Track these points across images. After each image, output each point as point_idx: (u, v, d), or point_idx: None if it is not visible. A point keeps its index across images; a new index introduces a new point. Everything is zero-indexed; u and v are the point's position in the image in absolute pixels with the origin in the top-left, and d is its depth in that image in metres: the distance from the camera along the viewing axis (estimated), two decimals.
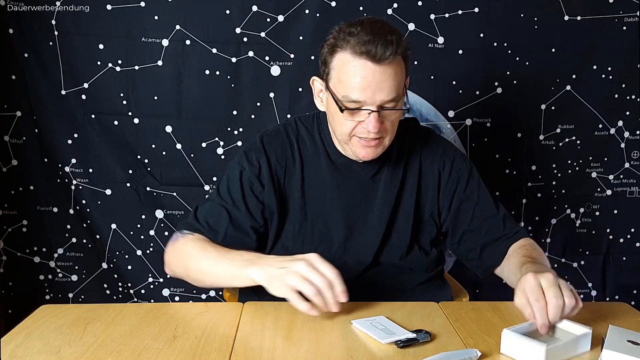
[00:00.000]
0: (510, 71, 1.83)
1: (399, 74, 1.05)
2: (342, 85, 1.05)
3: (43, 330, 0.93)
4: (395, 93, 1.04)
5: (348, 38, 1.03)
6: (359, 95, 1.03)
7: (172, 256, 1.14)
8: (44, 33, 1.72)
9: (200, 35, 1.74)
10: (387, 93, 1.04)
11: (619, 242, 1.98)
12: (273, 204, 1.16)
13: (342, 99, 1.05)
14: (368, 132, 1.06)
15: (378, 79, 1.02)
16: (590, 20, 1.80)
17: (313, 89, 1.16)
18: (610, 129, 1.89)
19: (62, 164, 1.82)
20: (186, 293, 1.91)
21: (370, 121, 1.05)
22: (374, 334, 0.91)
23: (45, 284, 1.92)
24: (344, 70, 1.04)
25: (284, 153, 1.18)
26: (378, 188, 1.19)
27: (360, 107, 1.05)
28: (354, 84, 1.03)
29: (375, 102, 1.04)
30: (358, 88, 1.03)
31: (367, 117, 1.05)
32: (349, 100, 1.05)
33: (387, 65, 1.03)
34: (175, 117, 1.79)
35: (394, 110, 1.07)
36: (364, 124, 1.06)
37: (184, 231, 1.13)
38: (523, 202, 1.92)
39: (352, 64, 1.03)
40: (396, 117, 1.10)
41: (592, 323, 0.97)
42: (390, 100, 1.05)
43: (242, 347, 0.88)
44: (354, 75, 1.03)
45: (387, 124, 1.08)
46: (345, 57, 1.04)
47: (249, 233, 1.15)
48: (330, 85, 1.08)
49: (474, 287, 1.95)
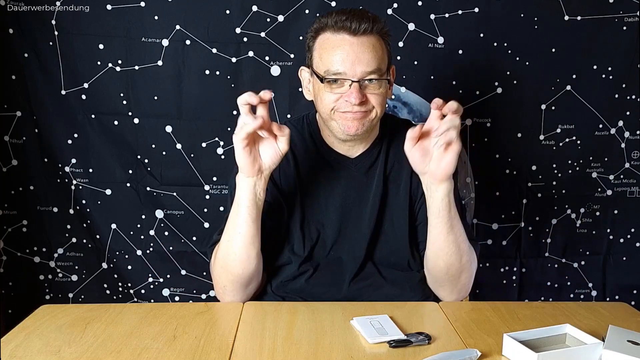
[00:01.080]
0: (510, 71, 1.82)
1: (378, 49, 1.09)
2: (323, 61, 1.10)
3: (43, 330, 0.93)
4: (375, 65, 1.08)
5: (327, 20, 1.10)
6: (339, 67, 1.07)
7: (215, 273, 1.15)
8: (44, 33, 1.72)
9: (200, 35, 1.74)
10: (366, 64, 1.07)
11: (619, 242, 1.98)
12: (276, 202, 1.17)
13: (324, 74, 1.09)
14: (352, 106, 1.08)
15: (356, 50, 1.07)
16: (590, 20, 1.80)
17: (302, 79, 1.19)
18: (611, 129, 1.89)
19: (62, 164, 1.82)
20: (186, 293, 1.91)
21: (352, 92, 1.07)
22: (366, 333, 0.91)
23: (45, 284, 1.92)
24: (324, 47, 1.10)
25: None
26: (372, 183, 1.20)
27: (341, 79, 1.08)
28: (333, 57, 1.08)
29: (355, 74, 1.07)
30: (338, 60, 1.07)
31: (348, 89, 1.08)
32: (331, 73, 1.08)
33: (365, 37, 1.08)
34: (175, 117, 1.79)
35: (375, 80, 1.09)
36: (346, 96, 1.08)
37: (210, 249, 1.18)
38: (523, 202, 1.92)
39: (332, 40, 1.09)
40: (380, 92, 1.10)
41: (592, 323, 0.97)
42: (371, 72, 1.08)
43: (242, 347, 0.88)
44: (332, 49, 1.08)
45: (370, 97, 1.10)
46: (326, 35, 1.10)
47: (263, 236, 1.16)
48: (314, 67, 1.12)
49: (474, 287, 1.94)
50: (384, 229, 1.20)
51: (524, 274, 1.97)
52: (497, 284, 1.97)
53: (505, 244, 1.95)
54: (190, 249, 1.87)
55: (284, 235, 1.19)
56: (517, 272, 1.96)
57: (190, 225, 1.86)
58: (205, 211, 1.85)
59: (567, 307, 1.07)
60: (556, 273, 1.98)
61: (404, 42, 1.77)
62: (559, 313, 1.04)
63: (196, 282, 1.90)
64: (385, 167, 1.20)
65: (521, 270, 1.96)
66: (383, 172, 1.20)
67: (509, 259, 1.96)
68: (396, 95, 1.72)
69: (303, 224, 1.18)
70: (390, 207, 1.20)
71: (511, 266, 1.96)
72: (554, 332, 0.89)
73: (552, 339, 0.88)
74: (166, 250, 1.87)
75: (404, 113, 1.81)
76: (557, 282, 1.98)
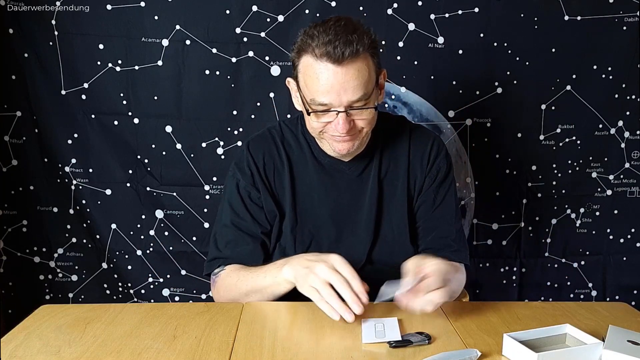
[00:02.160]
0: (510, 71, 1.82)
1: (363, 72, 1.04)
2: (309, 89, 1.06)
3: (43, 330, 0.93)
4: (362, 92, 1.04)
5: (309, 41, 1.04)
6: (324, 98, 1.04)
7: (219, 297, 1.17)
8: (44, 33, 1.72)
9: (200, 35, 1.74)
10: (352, 93, 1.04)
11: (619, 242, 1.98)
12: (271, 206, 1.18)
13: (310, 103, 1.06)
14: (339, 133, 1.07)
15: (341, 79, 1.02)
16: (590, 20, 1.80)
17: (290, 89, 1.17)
18: (611, 129, 1.89)
19: (62, 164, 1.82)
20: (186, 293, 1.91)
21: (338, 122, 1.05)
22: (363, 333, 0.92)
23: (45, 284, 1.92)
24: (308, 74, 1.05)
25: (271, 155, 1.20)
26: (367, 186, 1.19)
27: (328, 109, 1.05)
28: (318, 87, 1.04)
29: (342, 103, 1.04)
30: (323, 91, 1.04)
31: (335, 118, 1.06)
32: (317, 103, 1.05)
33: (349, 64, 1.02)
34: (175, 117, 1.79)
35: (362, 109, 1.06)
36: (333, 124, 1.07)
37: (216, 271, 1.18)
38: (523, 202, 1.92)
39: (314, 68, 1.04)
40: (368, 114, 1.09)
41: (592, 323, 0.97)
42: (357, 100, 1.05)
43: (242, 347, 0.88)
44: (317, 78, 1.04)
45: (358, 122, 1.08)
46: (308, 60, 1.05)
47: (264, 240, 1.18)
48: (300, 88, 1.09)
49: (474, 287, 1.95)
50: (382, 232, 1.20)
51: (524, 274, 1.97)
52: (497, 284, 1.97)
53: (505, 244, 1.95)
54: (190, 249, 1.87)
55: (284, 237, 1.19)
56: (517, 272, 1.96)
57: (190, 225, 1.86)
58: (205, 211, 1.85)
59: (567, 307, 1.07)
60: (556, 273, 1.98)
61: (404, 42, 1.77)
62: (559, 313, 1.04)
63: (196, 282, 1.90)
64: (379, 168, 1.20)
65: (521, 270, 1.96)
66: (378, 174, 1.19)
67: (509, 259, 1.96)
68: (396, 95, 1.73)
69: (295, 227, 1.18)
70: (388, 209, 1.20)
71: (511, 266, 1.96)
72: (554, 332, 0.89)
73: (552, 339, 0.88)
74: (166, 251, 1.87)
75: (404, 113, 1.81)
76: (557, 282, 1.98)
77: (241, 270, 1.13)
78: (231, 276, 1.14)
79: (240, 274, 1.12)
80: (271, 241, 1.20)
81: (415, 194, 1.21)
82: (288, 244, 1.18)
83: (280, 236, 1.19)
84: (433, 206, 1.21)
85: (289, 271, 1.01)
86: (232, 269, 1.16)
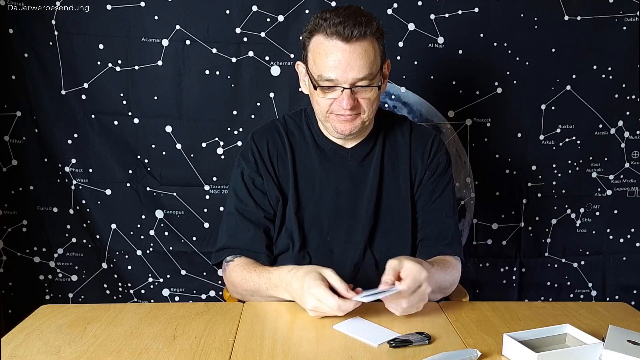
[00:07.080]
0: (510, 71, 1.82)
1: (370, 53, 1.11)
2: (317, 65, 1.13)
3: (43, 330, 0.93)
4: (367, 71, 1.11)
5: (321, 22, 1.11)
6: (331, 73, 1.10)
7: (230, 286, 1.23)
8: (44, 33, 1.72)
9: (200, 35, 1.74)
10: (357, 71, 1.10)
11: (619, 242, 1.98)
12: (274, 191, 1.22)
13: (317, 79, 1.13)
14: (343, 110, 1.12)
15: (348, 57, 1.09)
16: (590, 20, 1.80)
17: (298, 73, 1.23)
18: (611, 129, 1.89)
19: (62, 164, 1.82)
20: (186, 293, 1.91)
21: (343, 98, 1.11)
22: (366, 338, 0.91)
23: (45, 284, 1.92)
24: (318, 51, 1.12)
25: (275, 143, 1.25)
26: (368, 173, 1.24)
27: (334, 86, 1.11)
28: (326, 63, 1.10)
29: (347, 80, 1.10)
30: (330, 67, 1.10)
31: (340, 95, 1.12)
32: (324, 79, 1.12)
33: (357, 44, 1.09)
34: (175, 117, 1.79)
35: (367, 87, 1.12)
36: (338, 101, 1.13)
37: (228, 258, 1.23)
38: (523, 202, 1.92)
39: (325, 45, 1.11)
40: (372, 95, 1.15)
41: (592, 323, 0.97)
42: (362, 78, 1.11)
43: (242, 347, 0.88)
44: (325, 55, 1.11)
45: (361, 101, 1.14)
46: (319, 39, 1.12)
47: (267, 225, 1.23)
48: (309, 67, 1.16)
49: (474, 287, 1.95)
50: (382, 220, 1.23)
51: (524, 274, 1.97)
52: (497, 284, 1.97)
53: (505, 244, 1.95)
54: (190, 249, 1.87)
55: (282, 223, 1.23)
56: (517, 272, 1.96)
57: (190, 225, 1.86)
58: (205, 211, 1.85)
59: (567, 307, 1.07)
60: (556, 273, 1.97)
61: (404, 42, 1.77)
62: (559, 313, 1.04)
63: (196, 282, 1.90)
64: (381, 158, 1.24)
65: (521, 270, 1.96)
66: (379, 162, 1.24)
67: (509, 259, 1.96)
68: (396, 95, 1.73)
69: (299, 210, 1.22)
70: (389, 198, 1.24)
71: (511, 266, 1.96)
72: (554, 332, 0.89)
73: (552, 339, 0.88)
74: (166, 251, 1.87)
75: (404, 113, 1.81)
76: (557, 282, 1.98)
77: (245, 269, 1.17)
78: (237, 272, 1.18)
79: (244, 274, 1.16)
80: (276, 225, 1.24)
81: (416, 185, 1.26)
82: (293, 227, 1.22)
83: (284, 221, 1.23)
84: (432, 198, 1.25)
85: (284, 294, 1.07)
86: (238, 263, 1.20)
